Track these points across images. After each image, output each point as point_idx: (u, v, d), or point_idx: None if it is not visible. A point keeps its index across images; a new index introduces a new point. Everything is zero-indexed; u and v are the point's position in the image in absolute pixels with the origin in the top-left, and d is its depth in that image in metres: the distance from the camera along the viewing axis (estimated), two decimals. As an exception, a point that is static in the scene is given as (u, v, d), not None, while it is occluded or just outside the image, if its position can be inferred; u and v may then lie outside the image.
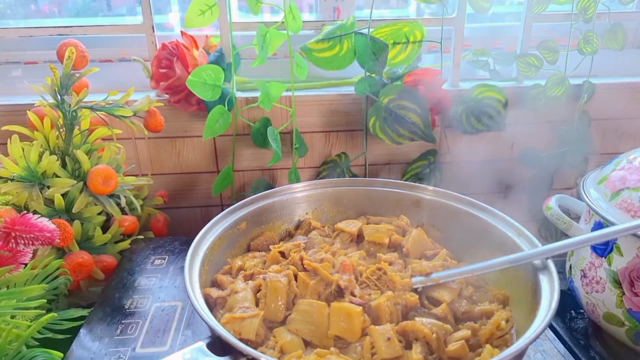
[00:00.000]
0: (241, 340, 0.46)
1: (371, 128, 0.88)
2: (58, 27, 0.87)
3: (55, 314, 0.56)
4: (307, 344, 0.50)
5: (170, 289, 0.69)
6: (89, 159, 0.75)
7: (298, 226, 0.72)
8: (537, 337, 0.43)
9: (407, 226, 0.68)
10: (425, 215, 0.70)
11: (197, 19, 0.82)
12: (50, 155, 0.73)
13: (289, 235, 0.71)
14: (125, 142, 0.90)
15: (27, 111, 0.77)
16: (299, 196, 0.71)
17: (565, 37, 0.93)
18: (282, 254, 0.61)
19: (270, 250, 0.63)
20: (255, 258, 0.63)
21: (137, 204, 0.79)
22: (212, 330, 0.45)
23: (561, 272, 0.56)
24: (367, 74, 0.89)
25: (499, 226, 0.61)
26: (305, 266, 0.55)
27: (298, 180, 0.92)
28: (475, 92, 0.93)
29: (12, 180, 0.70)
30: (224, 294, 0.56)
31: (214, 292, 0.56)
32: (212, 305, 0.56)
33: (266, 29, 0.84)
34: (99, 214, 0.76)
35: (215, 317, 0.53)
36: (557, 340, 0.62)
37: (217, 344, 0.44)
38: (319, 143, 0.96)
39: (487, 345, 0.49)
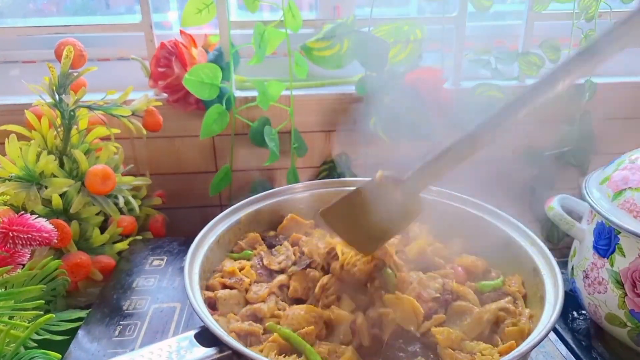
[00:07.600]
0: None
1: (371, 128, 0.88)
2: (56, 26, 0.87)
3: (53, 315, 0.55)
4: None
5: (169, 290, 0.68)
6: (87, 158, 0.75)
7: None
8: (542, 340, 0.42)
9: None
10: (426, 215, 0.69)
11: (194, 17, 0.82)
12: (48, 155, 0.72)
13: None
14: (123, 142, 0.89)
15: (25, 110, 0.76)
16: (299, 197, 0.71)
17: (567, 35, 0.92)
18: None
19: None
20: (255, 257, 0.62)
21: (135, 204, 0.79)
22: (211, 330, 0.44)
23: (563, 273, 0.55)
24: (368, 73, 0.88)
25: (501, 226, 0.61)
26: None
27: (297, 181, 0.91)
28: (476, 91, 0.92)
29: (9, 180, 0.70)
30: (224, 295, 0.55)
31: (214, 293, 0.56)
32: (212, 306, 0.55)
33: (264, 27, 0.83)
34: (97, 214, 0.76)
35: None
36: (559, 341, 0.61)
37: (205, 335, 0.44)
38: (318, 143, 0.96)
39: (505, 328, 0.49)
